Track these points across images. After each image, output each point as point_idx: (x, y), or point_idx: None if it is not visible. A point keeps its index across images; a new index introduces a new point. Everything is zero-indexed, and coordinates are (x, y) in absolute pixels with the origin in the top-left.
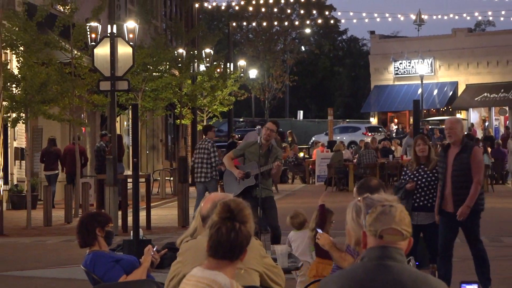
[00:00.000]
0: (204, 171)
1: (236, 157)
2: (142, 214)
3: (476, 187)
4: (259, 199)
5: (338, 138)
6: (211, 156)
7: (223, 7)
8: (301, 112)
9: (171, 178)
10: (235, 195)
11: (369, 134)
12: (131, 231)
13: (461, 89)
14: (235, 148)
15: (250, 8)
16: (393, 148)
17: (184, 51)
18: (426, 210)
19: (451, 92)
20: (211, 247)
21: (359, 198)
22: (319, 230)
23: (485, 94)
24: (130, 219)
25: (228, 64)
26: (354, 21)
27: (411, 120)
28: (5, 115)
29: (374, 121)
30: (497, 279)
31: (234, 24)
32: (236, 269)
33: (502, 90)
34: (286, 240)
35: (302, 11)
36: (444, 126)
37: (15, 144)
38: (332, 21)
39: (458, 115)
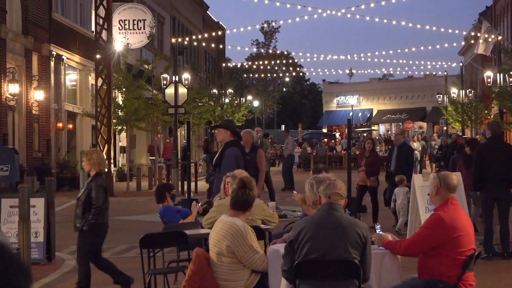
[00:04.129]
0: None
1: None
2: (193, 184)
3: (261, 175)
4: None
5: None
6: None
7: (239, 66)
8: (283, 125)
9: None
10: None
11: (326, 139)
12: (186, 194)
13: (374, 112)
14: None
15: (254, 66)
16: (337, 146)
17: (216, 90)
18: None
19: (368, 114)
20: (233, 203)
21: (311, 177)
22: (295, 191)
23: (388, 115)
24: (185, 186)
25: (241, 98)
26: (314, 73)
27: (346, 130)
28: (114, 127)
29: (325, 131)
30: None
31: (245, 75)
32: (247, 216)
33: (398, 113)
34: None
35: (284, 68)
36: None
37: (120, 144)
38: (301, 74)
39: (373, 127)
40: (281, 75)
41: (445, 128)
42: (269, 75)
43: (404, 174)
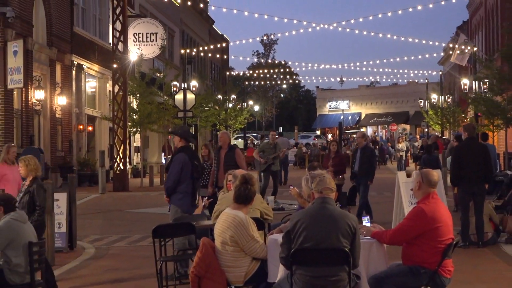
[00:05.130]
0: None
1: (259, 151)
2: None
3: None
4: (272, 172)
5: (300, 141)
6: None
7: (241, 74)
8: (281, 128)
9: None
10: (262, 170)
11: (316, 139)
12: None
13: (363, 116)
14: (258, 147)
15: (255, 74)
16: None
17: (221, 96)
18: (206, 187)
19: (357, 118)
20: (236, 197)
21: (307, 174)
22: (291, 187)
23: (375, 118)
24: None
25: (243, 103)
26: (308, 81)
27: (337, 132)
28: (129, 129)
29: (318, 132)
30: (380, 215)
31: (246, 82)
32: (248, 209)
33: (383, 117)
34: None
35: (281, 76)
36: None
37: (134, 144)
38: (296, 81)
39: (361, 129)
40: (279, 82)
41: (426, 130)
42: (268, 82)
43: (367, 173)
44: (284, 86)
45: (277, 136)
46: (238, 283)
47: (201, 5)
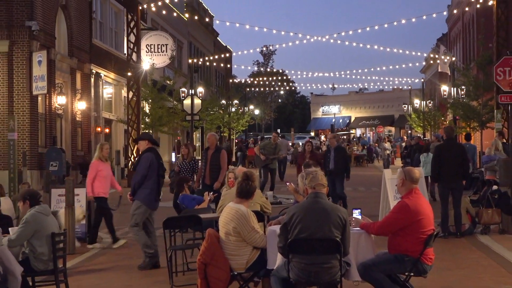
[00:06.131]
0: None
1: (260, 148)
2: None
3: (222, 172)
4: (270, 169)
5: (296, 141)
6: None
7: (243, 81)
8: (279, 129)
9: None
10: (261, 166)
11: (310, 140)
12: (201, 185)
13: (352, 119)
14: (260, 144)
15: (255, 82)
16: (322, 146)
17: (224, 101)
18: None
19: (348, 121)
20: (238, 192)
21: (303, 171)
22: (288, 183)
23: (363, 121)
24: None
25: (244, 107)
26: (303, 87)
27: (329, 133)
28: (142, 131)
29: (312, 134)
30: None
31: (248, 89)
32: (249, 203)
33: (371, 120)
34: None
35: (279, 83)
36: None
37: None
38: (293, 88)
39: (351, 131)
40: (277, 89)
41: (409, 131)
42: (267, 89)
43: (343, 171)
44: (282, 92)
45: (279, 137)
46: (240, 269)
47: (207, 19)
